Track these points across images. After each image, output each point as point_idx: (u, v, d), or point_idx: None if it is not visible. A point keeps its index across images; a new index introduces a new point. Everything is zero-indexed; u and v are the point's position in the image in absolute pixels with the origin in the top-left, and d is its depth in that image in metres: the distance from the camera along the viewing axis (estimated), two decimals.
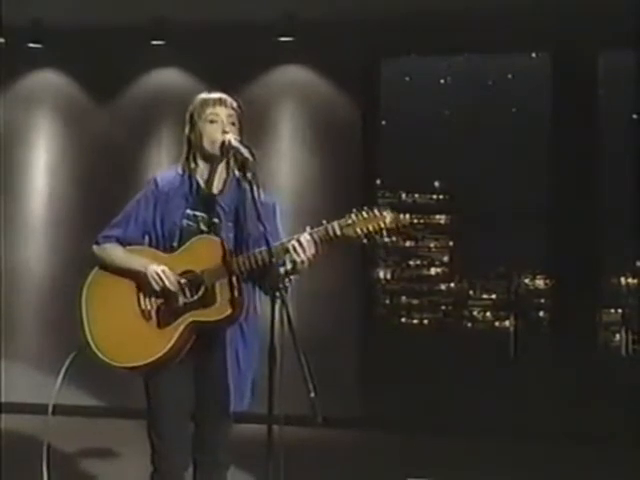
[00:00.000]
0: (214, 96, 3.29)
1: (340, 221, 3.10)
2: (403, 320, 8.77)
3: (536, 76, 7.69)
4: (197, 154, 3.28)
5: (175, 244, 3.22)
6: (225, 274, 3.12)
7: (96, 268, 3.29)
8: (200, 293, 3.13)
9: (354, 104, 7.28)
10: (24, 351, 7.44)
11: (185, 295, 3.15)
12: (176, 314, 3.14)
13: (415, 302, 8.78)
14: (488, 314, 8.61)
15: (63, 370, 3.39)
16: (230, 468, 3.34)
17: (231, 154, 3.22)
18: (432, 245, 8.94)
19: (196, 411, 3.25)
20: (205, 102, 3.27)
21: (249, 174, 3.11)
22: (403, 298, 8.81)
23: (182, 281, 3.14)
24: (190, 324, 3.13)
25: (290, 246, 3.07)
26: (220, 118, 3.23)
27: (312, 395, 2.72)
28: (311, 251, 3.07)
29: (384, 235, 3.10)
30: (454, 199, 8.84)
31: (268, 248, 3.00)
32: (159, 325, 3.15)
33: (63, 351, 3.43)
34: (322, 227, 3.10)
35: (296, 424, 3.08)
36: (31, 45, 7.42)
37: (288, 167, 7.30)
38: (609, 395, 6.48)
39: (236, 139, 3.18)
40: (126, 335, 3.17)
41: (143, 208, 3.28)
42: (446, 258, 8.94)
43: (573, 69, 7.16)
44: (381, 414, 6.84)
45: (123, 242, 3.28)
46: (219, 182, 3.29)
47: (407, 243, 8.94)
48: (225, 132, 3.20)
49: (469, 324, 8.67)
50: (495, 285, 8.70)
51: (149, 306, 3.17)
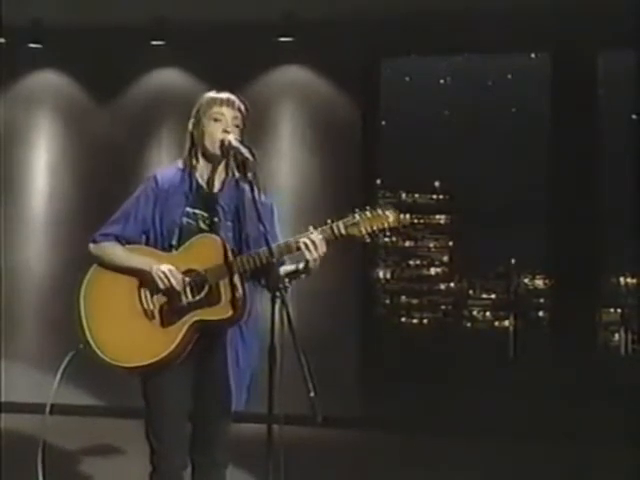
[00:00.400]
0: (222, 96, 3.28)
1: (345, 220, 3.10)
2: (403, 320, 8.78)
3: (536, 76, 7.69)
4: (198, 151, 3.27)
5: (174, 242, 3.19)
6: (228, 273, 3.11)
7: (94, 265, 3.24)
8: (204, 292, 3.12)
9: (354, 104, 7.28)
10: (24, 351, 7.44)
11: (188, 294, 3.13)
12: (180, 313, 3.12)
13: (415, 302, 8.79)
14: (488, 314, 8.62)
15: (61, 369, 3.38)
16: (229, 467, 3.33)
17: (231, 154, 3.21)
18: (432, 245, 8.96)
19: (194, 411, 3.24)
20: (212, 101, 3.26)
21: (249, 174, 3.11)
22: (403, 298, 8.82)
23: (187, 280, 3.12)
24: (195, 323, 3.11)
25: (302, 244, 3.07)
26: (225, 118, 3.22)
27: (312, 395, 2.72)
28: (322, 249, 3.08)
29: (386, 234, 3.13)
30: (454, 199, 8.86)
31: (268, 247, 2.99)
32: (162, 324, 3.12)
33: (63, 351, 3.42)
34: (327, 226, 3.11)
35: (296, 423, 3.08)
36: (31, 45, 7.42)
37: (288, 167, 7.30)
38: (609, 395, 6.48)
39: (236, 139, 3.17)
40: (128, 334, 3.13)
41: (143, 205, 3.24)
42: (446, 258, 8.95)
43: (573, 69, 7.15)
44: (381, 414, 6.84)
45: (122, 240, 3.23)
46: (218, 181, 3.28)
47: (407, 243, 8.95)
48: (226, 132, 3.19)
49: (469, 324, 8.68)
50: (495, 285, 8.71)
51: (151, 305, 3.14)
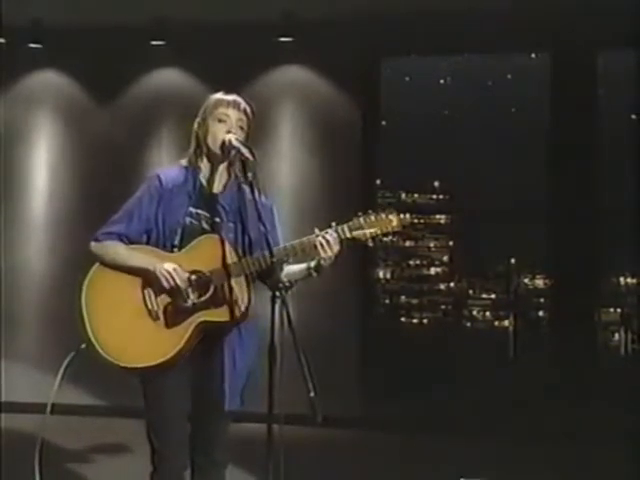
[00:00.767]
0: (228, 97, 3.28)
1: (350, 224, 3.14)
2: (403, 319, 8.78)
3: (536, 76, 7.69)
4: (203, 152, 3.27)
5: (176, 242, 3.18)
6: (233, 274, 3.10)
7: (97, 264, 3.21)
8: (210, 293, 3.11)
9: (354, 104, 7.28)
10: (24, 350, 7.44)
11: (193, 295, 3.11)
12: (185, 314, 3.10)
13: (415, 302, 8.79)
14: (488, 314, 8.62)
15: (62, 369, 3.37)
16: (228, 467, 3.33)
17: (232, 154, 3.20)
18: (432, 245, 8.95)
19: (194, 411, 3.23)
20: (219, 102, 3.26)
21: (249, 174, 3.11)
22: (403, 298, 8.82)
23: (192, 280, 3.10)
24: (200, 324, 3.10)
25: (318, 243, 3.10)
26: (230, 119, 3.23)
27: (312, 394, 2.73)
28: (336, 248, 3.11)
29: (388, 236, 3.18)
30: (454, 199, 8.86)
31: (269, 248, 3.00)
32: (167, 325, 3.10)
33: (63, 350, 3.41)
34: (332, 229, 3.13)
35: (296, 423, 3.08)
36: (31, 45, 7.44)
37: (288, 167, 7.30)
38: (609, 395, 6.48)
39: (237, 139, 3.17)
40: (132, 335, 3.11)
41: (147, 205, 3.22)
42: (446, 258, 8.95)
43: (573, 69, 7.16)
44: (381, 414, 6.84)
45: (124, 239, 3.21)
46: (220, 182, 3.28)
47: (407, 243, 8.95)
48: (229, 132, 3.20)
49: (468, 324, 8.68)
50: (494, 285, 8.71)
51: (156, 305, 3.12)
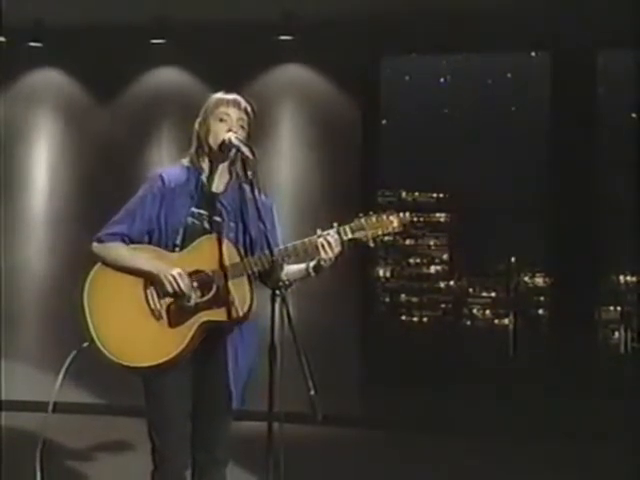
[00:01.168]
0: (229, 97, 3.29)
1: (351, 225, 3.16)
2: (403, 318, 8.78)
3: (536, 75, 7.70)
4: (204, 151, 3.27)
5: (178, 242, 3.18)
6: (235, 274, 3.11)
7: (99, 264, 3.21)
8: (212, 293, 3.12)
9: (354, 103, 7.28)
10: (25, 349, 7.44)
11: (196, 295, 3.12)
12: (188, 313, 3.11)
13: (415, 300, 8.79)
14: (488, 312, 8.62)
15: (64, 368, 3.38)
16: (229, 465, 3.34)
17: (233, 153, 3.21)
18: (432, 243, 8.96)
19: (195, 409, 3.24)
20: (220, 101, 3.27)
21: (249, 173, 3.12)
22: (403, 296, 8.83)
23: (195, 284, 3.11)
24: (203, 324, 3.11)
25: (319, 244, 3.11)
26: (230, 119, 3.23)
27: (312, 393, 2.73)
28: (337, 250, 3.12)
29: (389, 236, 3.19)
30: (454, 197, 8.86)
31: (269, 248, 3.02)
32: (170, 324, 3.11)
33: (63, 349, 3.41)
34: (334, 230, 3.14)
35: (296, 422, 3.09)
36: (32, 44, 7.43)
37: (288, 167, 7.30)
38: (609, 394, 6.48)
39: (237, 137, 3.18)
40: (134, 334, 3.12)
41: (149, 205, 3.22)
42: (446, 256, 8.96)
43: (573, 69, 7.16)
44: (381, 413, 6.84)
45: (127, 240, 3.21)
46: (221, 182, 3.28)
47: (407, 241, 8.95)
48: (230, 131, 3.20)
49: (468, 322, 8.68)
50: (494, 283, 8.71)
51: (158, 305, 3.12)
